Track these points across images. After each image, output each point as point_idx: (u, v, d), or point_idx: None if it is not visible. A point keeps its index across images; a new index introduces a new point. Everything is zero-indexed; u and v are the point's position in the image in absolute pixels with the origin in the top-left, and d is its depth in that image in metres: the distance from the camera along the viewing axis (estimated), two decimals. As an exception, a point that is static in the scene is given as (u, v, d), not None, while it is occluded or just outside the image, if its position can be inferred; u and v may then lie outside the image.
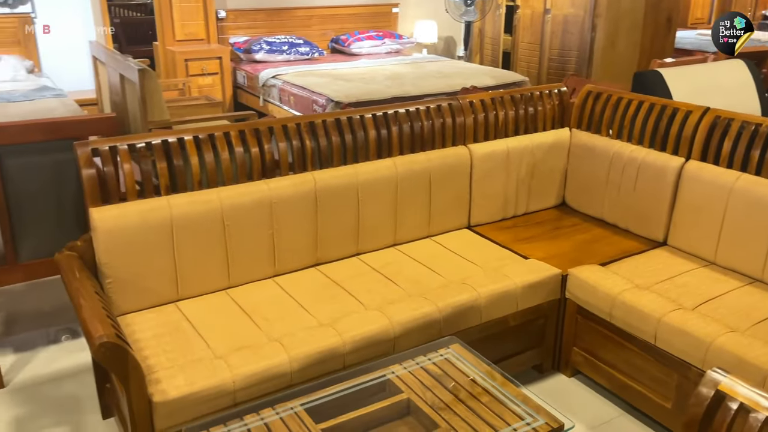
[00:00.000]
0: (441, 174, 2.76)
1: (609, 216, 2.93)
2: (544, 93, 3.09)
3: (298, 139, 2.47)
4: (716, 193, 2.50)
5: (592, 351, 2.48)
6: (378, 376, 1.79)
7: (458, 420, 1.61)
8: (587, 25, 6.02)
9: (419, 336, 2.17)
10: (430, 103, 2.80)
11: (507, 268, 2.48)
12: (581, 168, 3.04)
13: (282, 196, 2.39)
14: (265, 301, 2.27)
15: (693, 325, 2.10)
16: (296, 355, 1.95)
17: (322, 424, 1.59)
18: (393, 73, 5.63)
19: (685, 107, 2.71)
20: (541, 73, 6.53)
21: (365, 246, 2.64)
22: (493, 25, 7.08)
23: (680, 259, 2.59)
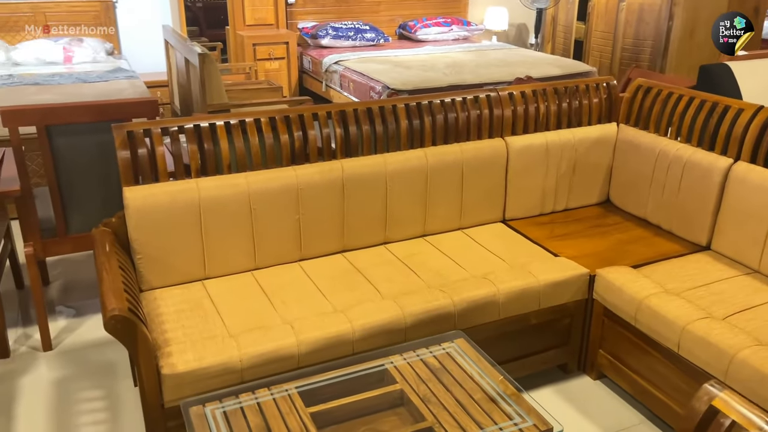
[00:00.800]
0: (474, 166, 2.74)
1: (652, 216, 2.82)
2: (591, 86, 2.98)
3: (329, 127, 2.51)
4: (765, 197, 2.35)
5: (617, 354, 2.40)
6: (377, 365, 1.82)
7: (446, 415, 1.62)
8: (664, 14, 5.72)
9: (432, 328, 2.17)
10: (467, 94, 2.77)
11: (533, 265, 2.44)
12: (626, 165, 2.93)
13: (309, 182, 2.44)
14: (287, 284, 2.34)
15: (718, 335, 2.00)
16: (305, 339, 2.00)
17: (312, 407, 1.64)
18: (454, 60, 5.58)
19: (738, 105, 2.55)
20: (613, 64, 6.28)
21: (393, 235, 2.66)
22: (566, 13, 6.86)
23: (721, 265, 2.46)
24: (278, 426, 1.58)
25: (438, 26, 6.66)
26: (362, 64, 5.38)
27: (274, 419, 1.60)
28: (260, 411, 1.63)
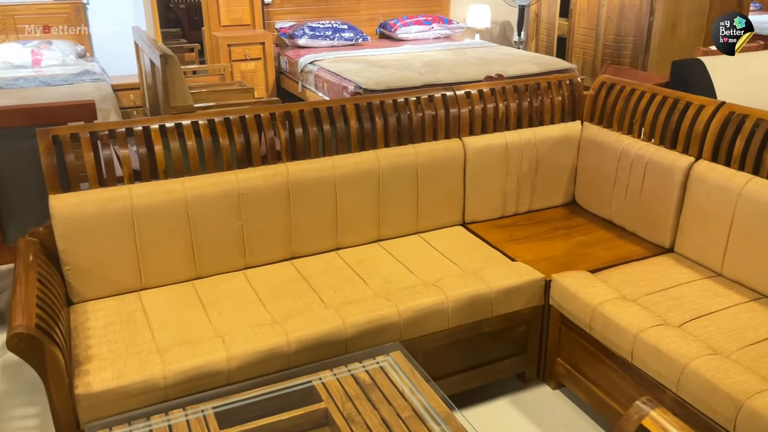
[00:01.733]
0: (430, 168, 2.63)
1: (616, 218, 2.71)
2: (554, 83, 2.88)
3: (272, 130, 2.41)
4: (725, 197, 2.24)
5: (574, 363, 2.30)
6: (304, 382, 1.72)
7: None
8: (645, 9, 5.62)
9: (375, 339, 2.07)
10: (421, 94, 2.66)
11: (487, 271, 2.34)
12: (590, 165, 2.82)
13: (252, 187, 2.34)
14: (227, 295, 2.23)
15: (670, 343, 1.89)
16: (236, 353, 1.90)
17: (227, 429, 1.54)
18: (431, 59, 5.47)
19: (699, 101, 2.45)
20: (596, 60, 6.18)
21: (345, 241, 2.56)
22: (548, 10, 6.76)
23: (683, 268, 2.35)
24: (188, 450, 1.48)
25: (418, 24, 6.56)
26: (337, 64, 5.28)
27: (186, 442, 1.50)
28: (172, 433, 1.53)
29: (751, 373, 1.75)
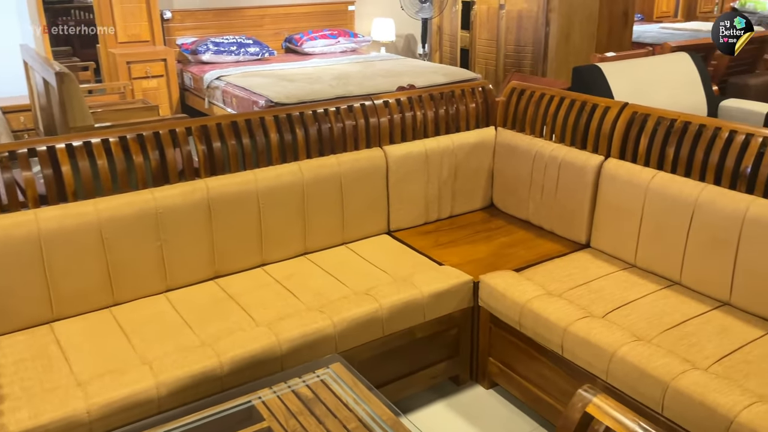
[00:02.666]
0: (353, 178, 2.62)
1: (534, 218, 2.81)
2: (467, 91, 2.95)
3: (189, 145, 2.32)
4: (634, 192, 2.38)
5: (506, 362, 2.35)
6: (243, 403, 1.65)
7: (317, 450, 1.47)
8: (541, 20, 5.90)
9: (311, 353, 2.02)
10: (340, 104, 2.66)
11: (417, 277, 2.35)
12: (506, 168, 2.91)
13: (170, 206, 2.24)
14: (149, 320, 2.12)
15: (597, 334, 1.97)
16: (165, 379, 1.80)
17: (165, 460, 1.45)
18: (341, 72, 5.49)
19: (605, 103, 2.59)
20: (498, 70, 6.41)
21: (271, 256, 2.50)
22: (450, 22, 6.95)
23: (600, 262, 2.46)
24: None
25: (324, 39, 6.57)
26: (245, 79, 5.19)
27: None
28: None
29: (672, 356, 1.85)
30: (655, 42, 7.20)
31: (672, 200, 2.25)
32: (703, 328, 2.01)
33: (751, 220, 2.02)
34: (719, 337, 1.96)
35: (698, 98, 4.18)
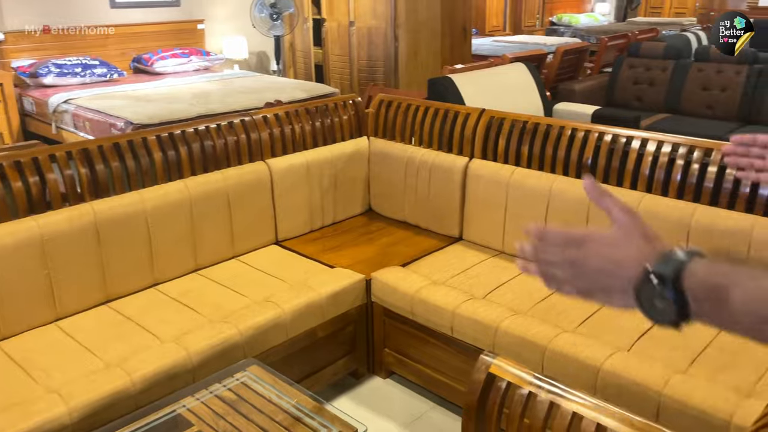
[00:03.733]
0: (240, 192, 2.70)
1: (410, 218, 3.05)
2: (339, 104, 3.14)
3: (72, 168, 2.28)
4: (497, 187, 2.69)
5: (401, 350, 2.54)
6: (167, 413, 1.68)
7: (251, 445, 1.56)
8: (390, 36, 6.26)
9: (221, 362, 2.08)
10: (220, 120, 2.72)
11: (312, 280, 2.48)
12: (381, 174, 3.13)
13: (55, 232, 2.18)
14: (43, 350, 2.05)
15: (482, 312, 2.23)
16: (76, 404, 1.78)
17: (99, 476, 1.46)
18: (200, 90, 5.45)
19: (465, 110, 2.89)
20: (352, 84, 6.68)
21: (163, 275, 2.50)
22: (302, 39, 7.13)
23: (473, 252, 2.75)
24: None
25: (176, 57, 6.45)
26: (98, 101, 4.99)
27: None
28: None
29: (546, 324, 2.14)
30: (491, 54, 7.88)
31: (530, 192, 2.58)
32: (566, 299, 2.34)
33: (595, 203, 2.39)
34: (580, 304, 2.30)
35: (536, 102, 4.71)
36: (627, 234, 0.76)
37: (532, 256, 0.83)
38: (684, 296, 0.69)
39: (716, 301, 0.68)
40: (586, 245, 0.78)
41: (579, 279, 0.78)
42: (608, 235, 0.78)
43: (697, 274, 0.69)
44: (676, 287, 0.69)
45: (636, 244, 0.75)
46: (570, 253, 0.78)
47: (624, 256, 0.75)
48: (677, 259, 0.70)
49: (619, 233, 0.77)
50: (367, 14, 6.34)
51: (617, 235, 0.77)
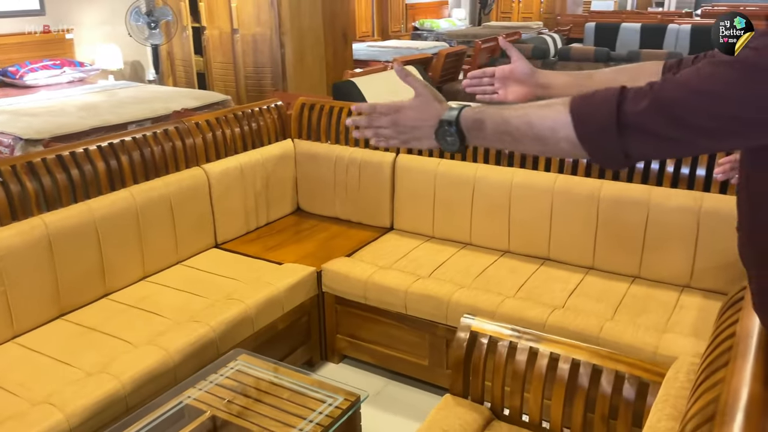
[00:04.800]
0: (181, 198, 2.74)
1: (342, 213, 3.23)
2: (263, 108, 3.25)
3: (17, 182, 2.23)
4: (425, 178, 2.95)
5: (353, 334, 2.73)
6: (174, 405, 1.76)
7: (268, 420, 1.69)
8: (276, 43, 6.36)
9: (198, 359, 2.15)
10: (156, 128, 2.75)
11: (266, 277, 2.59)
12: (309, 174, 3.28)
13: (9, 247, 2.14)
14: (12, 367, 2.02)
15: (432, 289, 2.48)
16: (73, 410, 1.80)
17: (131, 467, 1.52)
18: (84, 103, 5.24)
19: (388, 109, 3.13)
20: (239, 91, 6.70)
21: (114, 285, 2.50)
22: (182, 47, 7.02)
23: (407, 239, 2.99)
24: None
25: (47, 69, 6.11)
26: (-26, 118, 4.65)
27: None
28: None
29: (489, 293, 2.43)
30: (369, 58, 8.22)
31: (456, 180, 2.87)
32: (499, 272, 2.66)
33: (517, 185, 2.73)
34: (512, 274, 2.62)
35: (428, 103, 5.06)
36: (426, 101, 1.15)
37: (366, 123, 1.19)
38: (462, 130, 1.11)
39: (478, 129, 1.10)
40: (402, 111, 1.16)
41: (400, 134, 1.17)
42: (415, 103, 1.16)
43: (466, 116, 1.11)
44: (457, 126, 1.11)
45: (433, 106, 1.15)
46: (392, 118, 1.17)
47: (427, 115, 1.14)
48: (455, 109, 1.12)
49: (421, 100, 1.16)
50: (251, 22, 6.40)
51: (420, 102, 1.15)
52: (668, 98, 0.89)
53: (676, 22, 8.45)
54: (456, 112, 1.12)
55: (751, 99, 0.84)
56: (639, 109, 0.90)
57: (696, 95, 0.87)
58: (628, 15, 10.56)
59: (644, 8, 14.12)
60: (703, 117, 0.87)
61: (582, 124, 0.96)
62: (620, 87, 0.95)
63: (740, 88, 0.84)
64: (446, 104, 1.16)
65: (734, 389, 0.96)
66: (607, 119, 0.93)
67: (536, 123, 1.02)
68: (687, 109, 0.88)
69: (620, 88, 0.95)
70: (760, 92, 0.83)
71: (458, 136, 1.11)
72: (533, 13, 13.81)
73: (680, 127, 0.89)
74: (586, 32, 8.78)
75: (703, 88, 0.87)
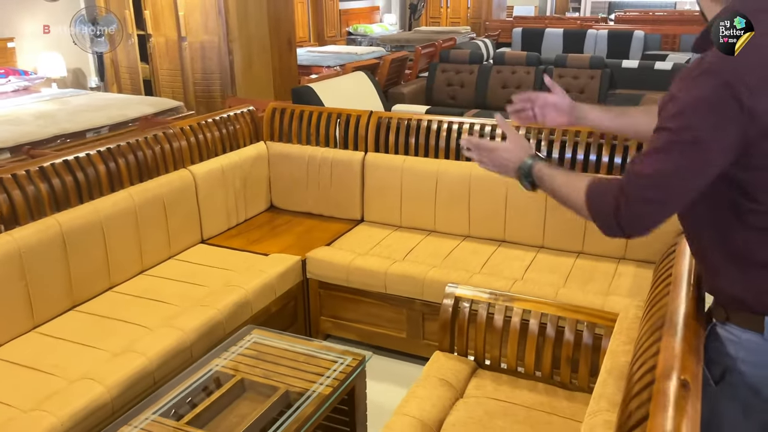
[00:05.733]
0: (172, 197, 2.97)
1: (315, 208, 3.53)
2: (238, 114, 3.51)
3: (32, 185, 2.42)
4: (392, 174, 3.29)
5: (336, 315, 3.03)
6: (206, 372, 2.02)
7: (291, 379, 1.98)
8: (224, 50, 6.55)
9: (209, 338, 2.41)
10: (146, 133, 2.97)
11: (257, 266, 2.86)
12: (282, 173, 3.56)
13: (28, 244, 2.33)
14: (41, 352, 2.22)
15: (408, 270, 2.82)
16: (112, 383, 2.03)
17: (182, 420, 1.79)
18: (39, 112, 5.29)
19: (355, 113, 3.45)
20: (188, 97, 6.83)
21: (117, 278, 2.71)
22: (127, 55, 7.09)
23: (378, 229, 3.32)
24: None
25: (-8, 78, 6.08)
26: (-71, 127, 4.64)
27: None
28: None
29: (459, 271, 2.79)
30: (311, 64, 8.47)
31: (421, 174, 3.23)
32: (463, 253, 3.03)
33: (475, 178, 3.11)
34: (474, 255, 3.00)
35: (378, 105, 5.41)
36: (515, 146, 1.50)
37: (477, 157, 1.55)
38: (533, 179, 1.45)
39: (540, 182, 1.44)
40: (497, 151, 1.52)
41: (495, 166, 1.52)
42: (508, 146, 1.50)
43: (536, 169, 1.44)
44: (530, 175, 1.45)
45: (518, 153, 1.49)
46: (490, 155, 1.53)
47: (514, 158, 1.48)
48: (530, 162, 1.46)
49: (512, 146, 1.50)
50: (199, 30, 6.57)
51: (512, 146, 1.50)
52: (637, 195, 1.22)
53: (594, 27, 9.15)
54: (531, 162, 1.45)
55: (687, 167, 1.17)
56: (624, 212, 1.24)
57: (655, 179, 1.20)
58: (550, 20, 11.27)
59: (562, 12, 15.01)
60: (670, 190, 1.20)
61: (594, 213, 1.32)
62: (614, 196, 1.25)
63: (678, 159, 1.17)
64: (530, 152, 1.48)
65: (674, 309, 1.35)
66: (608, 217, 1.27)
67: (569, 199, 1.37)
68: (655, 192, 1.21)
69: (614, 200, 1.25)
70: None
71: (530, 182, 1.46)
72: (461, 18, 14.40)
73: (660, 203, 1.21)
74: (513, 37, 9.37)
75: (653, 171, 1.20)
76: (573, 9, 16.19)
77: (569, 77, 5.93)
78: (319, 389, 1.93)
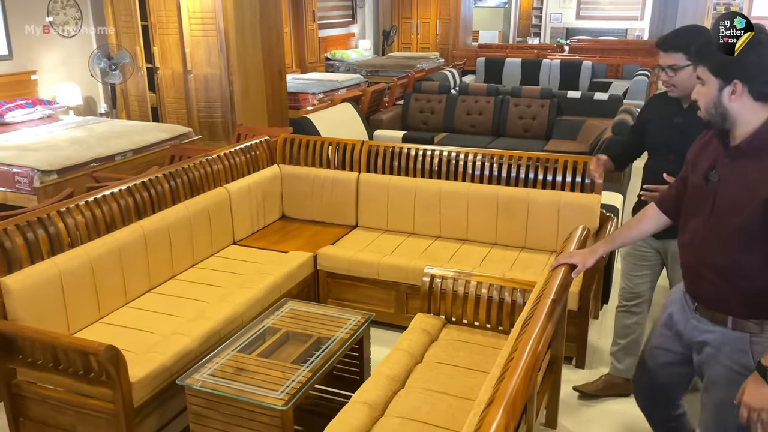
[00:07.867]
0: (215, 208, 3.90)
1: (319, 217, 4.47)
2: (258, 142, 4.45)
3: (123, 199, 3.33)
4: (381, 189, 4.26)
5: (341, 297, 3.97)
6: (260, 328, 2.95)
7: (320, 330, 2.91)
8: (224, 81, 7.47)
9: (252, 311, 3.32)
10: (196, 159, 3.90)
11: (281, 260, 3.79)
12: (294, 189, 4.50)
13: (125, 242, 3.24)
14: (137, 318, 3.12)
15: (396, 260, 3.78)
16: (194, 337, 2.93)
17: (254, 354, 2.71)
18: (71, 138, 6.12)
19: (351, 142, 4.42)
20: (192, 122, 7.72)
21: (177, 269, 3.62)
22: (136, 85, 7.96)
23: (369, 233, 4.28)
24: (246, 368, 2.62)
25: (21, 108, 6.89)
26: (-17, 153, 5.47)
27: (240, 366, 2.62)
28: (227, 367, 2.62)
29: (432, 260, 3.75)
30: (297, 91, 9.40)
31: (403, 190, 4.20)
32: (436, 249, 4.00)
33: (445, 191, 4.09)
34: (444, 250, 3.96)
35: (362, 131, 6.40)
36: None
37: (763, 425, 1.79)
38: None
39: None
40: None
41: None
42: None
43: None
44: None
45: None
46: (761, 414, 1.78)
47: None
48: None
49: None
50: (203, 64, 7.48)
51: None
52: None
53: (548, 57, 10.30)
54: None
55: None
56: None
57: None
58: (511, 50, 12.43)
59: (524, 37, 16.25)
60: None
61: None
62: None
63: None
64: None
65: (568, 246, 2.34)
66: None
67: None
68: None
69: None
70: None
71: None
72: (430, 44, 15.51)
73: None
74: (477, 66, 10.46)
75: None
76: (534, 34, 17.47)
77: (523, 106, 6.99)
78: (340, 335, 2.87)
